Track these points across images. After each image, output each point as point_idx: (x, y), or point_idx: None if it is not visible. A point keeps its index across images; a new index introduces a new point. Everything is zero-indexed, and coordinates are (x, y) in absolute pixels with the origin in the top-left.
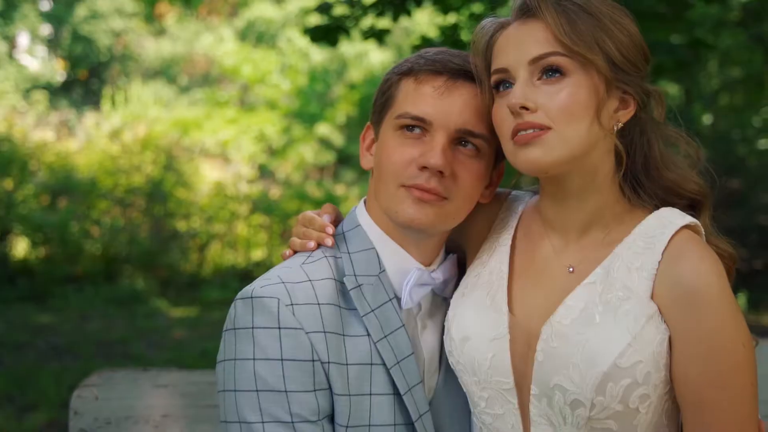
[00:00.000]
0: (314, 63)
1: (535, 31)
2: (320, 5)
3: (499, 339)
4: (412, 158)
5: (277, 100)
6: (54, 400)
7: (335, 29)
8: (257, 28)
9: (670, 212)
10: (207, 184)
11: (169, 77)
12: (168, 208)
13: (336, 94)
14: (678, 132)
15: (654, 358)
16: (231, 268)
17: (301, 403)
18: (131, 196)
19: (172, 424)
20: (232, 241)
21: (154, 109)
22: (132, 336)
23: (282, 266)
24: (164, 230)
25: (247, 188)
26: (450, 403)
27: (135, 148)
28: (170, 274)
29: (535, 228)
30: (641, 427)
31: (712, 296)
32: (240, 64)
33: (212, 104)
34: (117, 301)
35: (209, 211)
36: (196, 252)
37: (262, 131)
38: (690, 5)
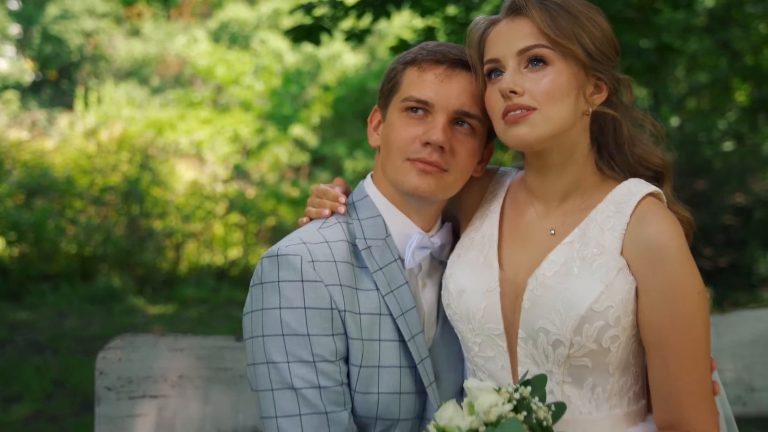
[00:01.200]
0: (288, 65)
1: (522, 27)
2: (303, 5)
3: (490, 291)
4: (416, 135)
5: (251, 101)
6: (37, 393)
7: (317, 29)
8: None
9: (637, 182)
10: (183, 184)
11: (140, 78)
12: (144, 207)
13: (310, 96)
14: (644, 114)
15: (623, 304)
16: (207, 267)
17: (321, 345)
18: (107, 195)
19: (187, 384)
20: (208, 240)
21: (127, 109)
22: (110, 332)
23: (301, 230)
24: (140, 229)
25: (223, 188)
26: (446, 351)
27: (111, 148)
28: (146, 272)
29: (521, 197)
30: (612, 365)
31: (672, 252)
32: (214, 65)
33: (185, 105)
34: (93, 299)
35: (185, 210)
36: (173, 251)
37: (236, 132)
38: (658, 10)
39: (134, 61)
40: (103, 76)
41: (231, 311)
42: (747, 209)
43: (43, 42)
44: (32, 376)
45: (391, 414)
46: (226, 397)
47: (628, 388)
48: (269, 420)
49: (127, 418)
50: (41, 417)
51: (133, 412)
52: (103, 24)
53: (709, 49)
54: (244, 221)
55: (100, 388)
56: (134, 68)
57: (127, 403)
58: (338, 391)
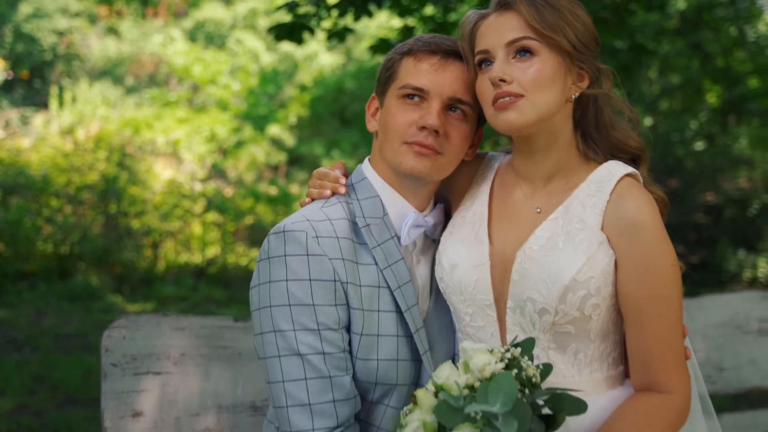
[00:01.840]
0: (264, 64)
1: (511, 20)
2: (287, 3)
3: (481, 265)
4: (413, 120)
5: (228, 100)
6: (18, 388)
7: (299, 27)
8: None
9: (616, 164)
10: (160, 183)
11: (114, 77)
12: (122, 205)
13: (287, 96)
14: (622, 101)
15: (603, 275)
16: (185, 265)
17: (325, 314)
18: (84, 193)
19: (188, 361)
20: (185, 238)
21: (102, 108)
22: (89, 329)
23: (305, 209)
24: (118, 227)
25: (201, 187)
26: (439, 323)
27: (88, 146)
28: (124, 271)
29: (509, 179)
30: (593, 331)
31: (648, 227)
32: (191, 64)
33: (161, 104)
34: (71, 297)
35: (163, 209)
36: (150, 249)
37: (213, 131)
38: (632, 12)
39: (108, 60)
40: (76, 75)
41: (210, 309)
42: (718, 208)
43: (15, 41)
44: (12, 372)
45: (389, 379)
46: (226, 373)
47: (608, 354)
48: (276, 384)
49: (131, 393)
50: (24, 411)
51: (138, 387)
52: (76, 23)
53: (681, 51)
54: (222, 220)
55: (106, 365)
56: (108, 67)
57: (131, 379)
58: (341, 357)
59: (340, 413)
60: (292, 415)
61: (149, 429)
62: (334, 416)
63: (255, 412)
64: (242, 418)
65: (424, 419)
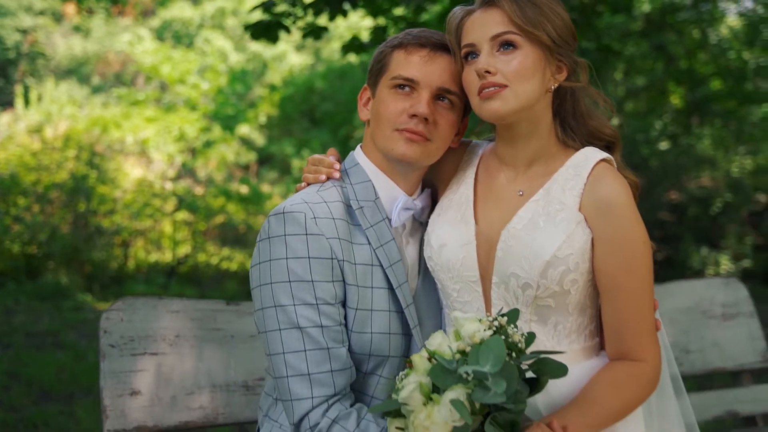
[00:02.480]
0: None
1: (495, 16)
2: (263, 2)
3: (468, 244)
4: (404, 109)
5: (197, 100)
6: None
7: (276, 26)
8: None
9: (592, 150)
10: (130, 182)
11: (80, 76)
12: (91, 204)
13: (256, 95)
14: (598, 92)
15: (581, 252)
16: (155, 264)
17: (323, 289)
18: (53, 192)
19: (183, 342)
20: (156, 237)
21: (69, 107)
22: (61, 327)
23: (302, 193)
24: (88, 226)
25: (172, 186)
26: (426, 300)
27: (56, 145)
28: (94, 269)
29: (492, 165)
30: (571, 305)
31: (622, 207)
32: (159, 63)
33: (128, 104)
34: (41, 296)
35: (133, 208)
36: (121, 248)
37: (182, 131)
38: (599, 13)
39: (73, 59)
40: (40, 74)
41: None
42: (681, 206)
43: None
44: None
45: (382, 351)
46: (218, 354)
47: (585, 326)
48: (277, 356)
49: (129, 372)
50: (0, 406)
51: (135, 367)
52: (40, 21)
53: (646, 53)
54: (193, 219)
55: (104, 346)
56: (73, 66)
57: (129, 360)
58: (337, 330)
59: (337, 383)
60: (293, 385)
61: (146, 407)
62: (331, 385)
63: (247, 391)
64: (235, 397)
65: (420, 381)
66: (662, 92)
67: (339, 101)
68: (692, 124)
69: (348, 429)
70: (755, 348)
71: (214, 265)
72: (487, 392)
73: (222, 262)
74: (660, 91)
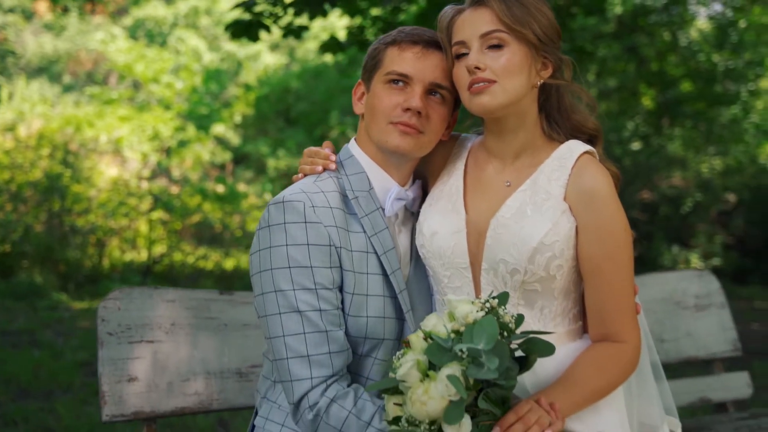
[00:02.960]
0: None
1: (484, 15)
2: (245, 1)
3: (458, 232)
4: (398, 103)
5: (171, 99)
6: None
7: (256, 25)
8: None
9: (576, 143)
10: (105, 181)
11: (51, 75)
12: (65, 203)
13: (231, 95)
14: (581, 88)
15: (566, 239)
16: (131, 263)
17: (322, 275)
18: (27, 190)
19: (178, 330)
20: (131, 236)
21: (41, 106)
22: (37, 326)
23: (299, 183)
24: (62, 225)
25: (147, 185)
26: (418, 286)
27: (30, 143)
28: (69, 269)
29: (481, 157)
30: (556, 290)
31: (604, 197)
32: (133, 62)
33: (101, 102)
34: (15, 295)
35: (108, 207)
36: (95, 247)
37: (156, 130)
38: (573, 15)
39: (44, 57)
40: (9, 72)
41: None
42: (653, 205)
43: None
44: None
45: (377, 334)
46: (212, 342)
47: (569, 310)
48: (277, 339)
49: (126, 359)
50: None
51: (132, 354)
52: (10, 18)
53: (618, 55)
54: (169, 218)
55: (102, 334)
56: (44, 64)
57: (126, 347)
58: (335, 313)
59: (335, 364)
60: (292, 366)
61: (143, 393)
62: (330, 366)
63: (240, 378)
64: (228, 384)
65: (417, 359)
66: (634, 93)
67: (314, 101)
68: (663, 125)
69: (346, 408)
70: (726, 338)
71: (190, 264)
72: (481, 368)
73: (198, 262)
74: (632, 92)
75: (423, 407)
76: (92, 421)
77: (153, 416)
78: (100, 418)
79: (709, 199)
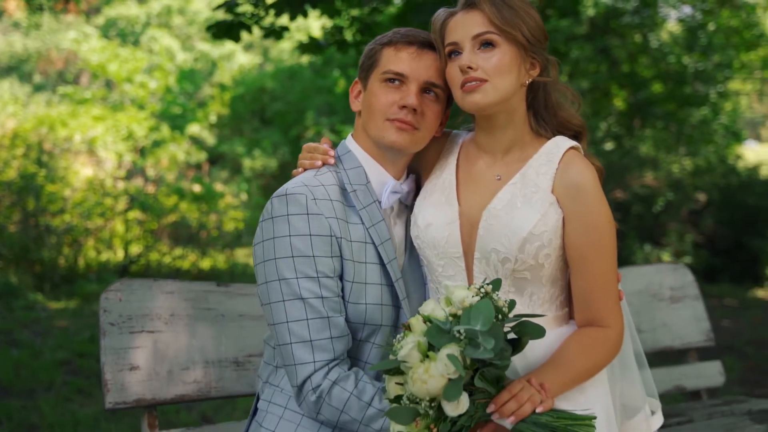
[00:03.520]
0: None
1: (476, 17)
2: (227, 2)
3: (452, 223)
4: (394, 100)
5: (145, 99)
6: None
7: (238, 26)
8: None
9: (562, 139)
10: (80, 181)
11: (21, 74)
12: (40, 203)
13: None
14: (566, 87)
15: (554, 229)
16: (107, 263)
17: (323, 264)
18: (1, 190)
19: (177, 321)
20: (107, 236)
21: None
22: (14, 325)
23: (300, 177)
24: (37, 225)
25: (123, 185)
26: (413, 275)
27: (3, 143)
28: (44, 269)
29: (472, 152)
30: (545, 277)
31: (590, 189)
32: (107, 62)
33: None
34: None
35: (84, 206)
36: (71, 247)
37: (130, 130)
38: (547, 17)
39: (13, 56)
40: None
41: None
42: (626, 204)
43: None
44: None
45: (375, 320)
46: (210, 332)
47: (556, 297)
48: (281, 325)
49: (128, 349)
50: None
51: (133, 344)
52: None
53: (590, 57)
54: (145, 218)
55: (104, 324)
56: (14, 64)
57: (127, 337)
58: (336, 300)
59: (336, 348)
60: (296, 350)
61: (145, 381)
62: (331, 351)
63: (237, 366)
64: (226, 372)
65: (418, 341)
66: (606, 94)
67: (289, 101)
68: (635, 126)
69: (347, 389)
70: (700, 328)
71: (166, 264)
72: (478, 349)
73: (175, 261)
74: (604, 93)
75: (424, 385)
76: (76, 417)
77: (154, 403)
78: (103, 405)
79: (680, 198)
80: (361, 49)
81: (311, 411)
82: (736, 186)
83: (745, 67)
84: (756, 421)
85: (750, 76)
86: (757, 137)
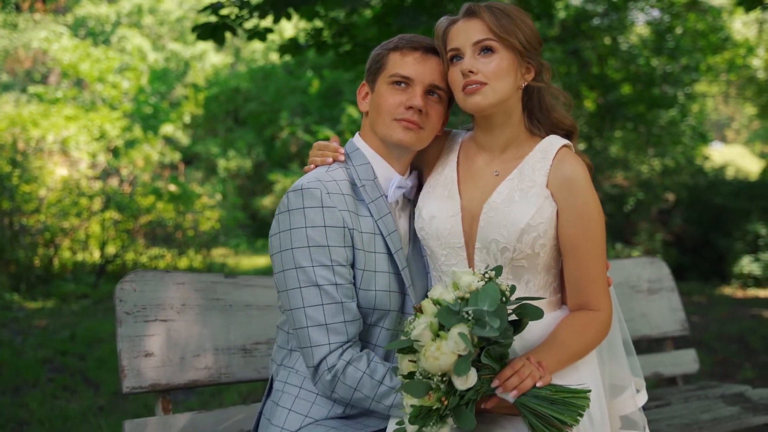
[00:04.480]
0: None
1: (475, 25)
2: (212, 4)
3: (454, 216)
4: (401, 102)
5: (118, 98)
6: None
7: (222, 28)
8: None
9: (556, 137)
10: (55, 181)
11: None
12: (15, 203)
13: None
14: (559, 90)
15: (549, 221)
16: (82, 263)
17: (337, 253)
18: None
19: (189, 310)
20: (83, 236)
21: None
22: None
23: (314, 173)
24: (12, 225)
25: (99, 185)
26: (416, 265)
27: None
28: (20, 269)
29: (471, 150)
30: (540, 265)
31: (581, 183)
32: (78, 61)
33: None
34: None
35: (59, 206)
36: (47, 247)
37: (102, 130)
38: None
39: None
40: None
41: (112, 305)
42: None
43: None
44: None
45: (383, 306)
46: (219, 321)
47: (550, 284)
48: (298, 310)
49: (143, 336)
50: None
51: (147, 332)
52: None
53: (561, 59)
54: (121, 218)
55: (120, 313)
56: None
57: (142, 325)
58: (349, 287)
59: (349, 331)
60: (312, 333)
61: (159, 367)
62: (345, 333)
63: (245, 353)
64: (235, 359)
65: (429, 321)
66: (576, 96)
67: (264, 101)
68: (605, 127)
69: (360, 369)
70: (676, 318)
71: (142, 263)
72: (484, 328)
73: (151, 262)
74: (574, 94)
75: (435, 362)
76: (65, 413)
77: (168, 388)
78: (120, 390)
79: (650, 198)
80: (338, 51)
81: (326, 390)
82: (703, 186)
83: (711, 69)
84: (728, 403)
85: (716, 78)
86: (723, 139)
